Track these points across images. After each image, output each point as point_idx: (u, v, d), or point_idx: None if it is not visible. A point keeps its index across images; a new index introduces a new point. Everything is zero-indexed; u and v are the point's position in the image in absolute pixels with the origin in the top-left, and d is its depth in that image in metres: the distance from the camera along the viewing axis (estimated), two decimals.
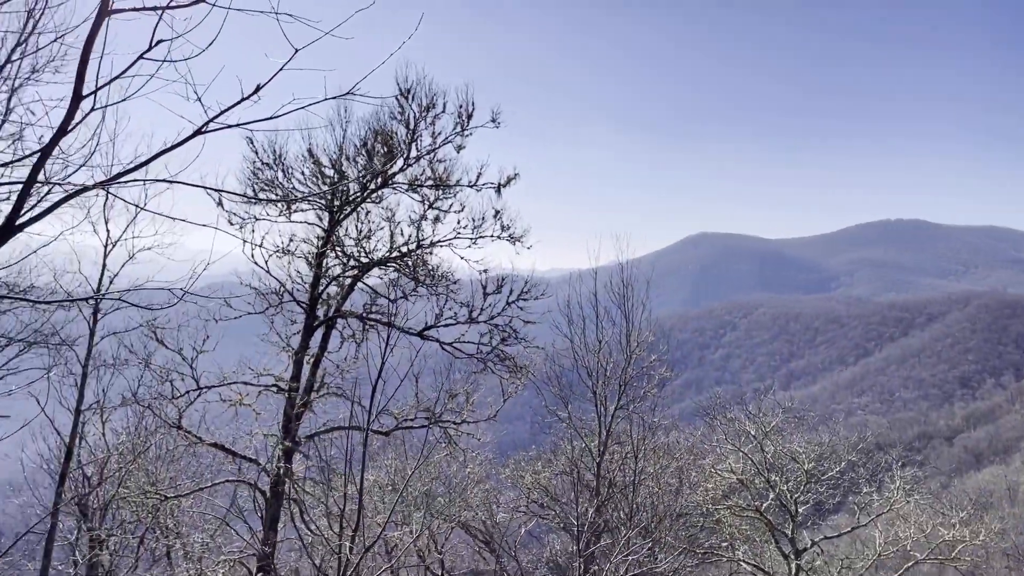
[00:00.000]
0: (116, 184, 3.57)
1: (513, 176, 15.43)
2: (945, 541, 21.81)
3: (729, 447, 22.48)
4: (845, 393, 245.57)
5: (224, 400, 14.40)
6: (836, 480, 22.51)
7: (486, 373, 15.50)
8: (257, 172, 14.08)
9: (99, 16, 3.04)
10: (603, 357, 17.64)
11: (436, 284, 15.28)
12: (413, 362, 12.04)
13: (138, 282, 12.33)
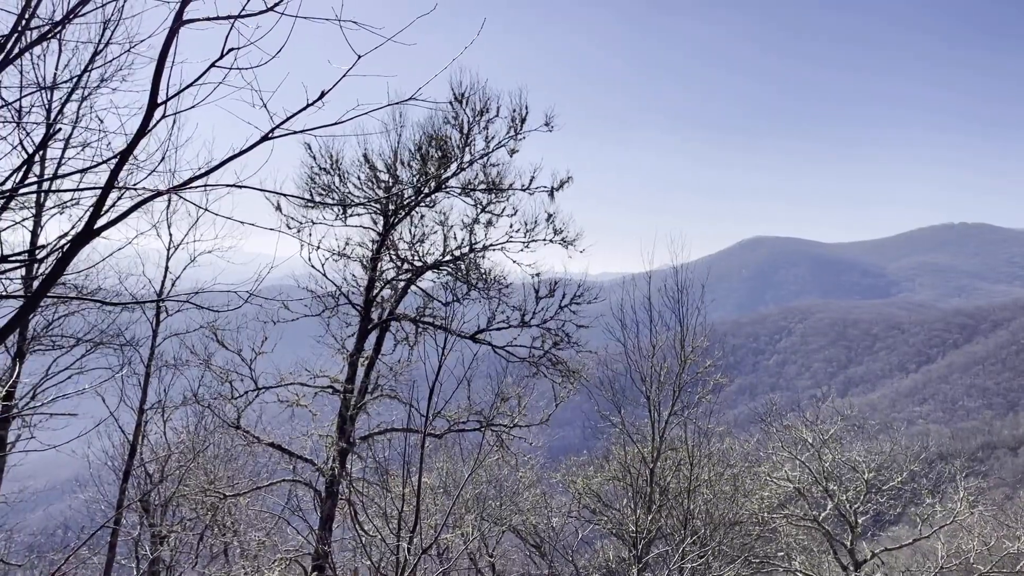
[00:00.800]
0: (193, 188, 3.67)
1: (566, 179, 15.42)
2: (1010, 554, 21.08)
3: (785, 455, 22.07)
4: (906, 401, 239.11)
5: (281, 401, 14.67)
6: (897, 490, 21.91)
7: (538, 377, 15.49)
8: (314, 177, 14.33)
9: (174, 25, 3.14)
10: (656, 362, 17.45)
11: (488, 288, 15.33)
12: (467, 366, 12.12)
13: (199, 285, 12.65)
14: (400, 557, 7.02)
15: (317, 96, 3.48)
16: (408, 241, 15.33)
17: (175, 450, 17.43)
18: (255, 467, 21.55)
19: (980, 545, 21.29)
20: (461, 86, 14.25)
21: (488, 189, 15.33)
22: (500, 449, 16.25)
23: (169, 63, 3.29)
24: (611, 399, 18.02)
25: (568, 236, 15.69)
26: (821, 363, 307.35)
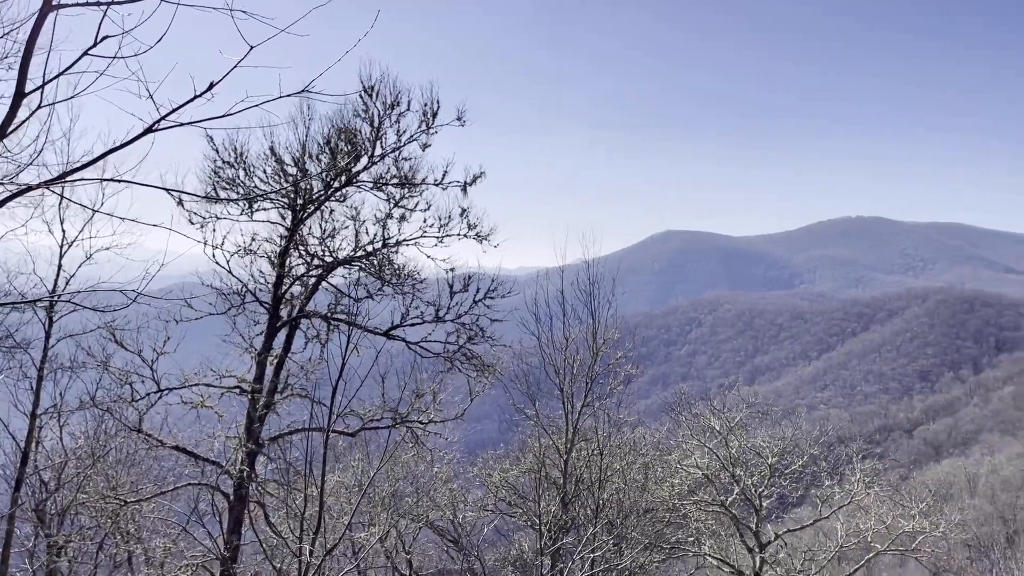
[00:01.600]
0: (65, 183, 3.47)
1: (479, 174, 15.38)
2: (905, 532, 22.19)
3: (695, 443, 22.67)
4: (808, 388, 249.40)
5: (186, 403, 14.16)
6: (799, 474, 22.84)
7: (453, 372, 15.44)
8: (218, 171, 13.86)
9: (43, 10, 2.94)
10: (570, 355, 17.68)
11: (402, 283, 15.18)
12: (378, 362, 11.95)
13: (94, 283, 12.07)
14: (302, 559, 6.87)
15: (206, 87, 3.34)
16: (318, 236, 15.02)
17: (72, 456, 16.64)
18: (160, 471, 20.80)
19: (878, 524, 22.36)
20: (371, 78, 14.04)
21: (401, 184, 15.16)
22: (415, 445, 16.13)
23: (45, 51, 3.10)
24: (526, 392, 18.16)
25: (482, 231, 15.67)
26: (730, 353, 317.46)
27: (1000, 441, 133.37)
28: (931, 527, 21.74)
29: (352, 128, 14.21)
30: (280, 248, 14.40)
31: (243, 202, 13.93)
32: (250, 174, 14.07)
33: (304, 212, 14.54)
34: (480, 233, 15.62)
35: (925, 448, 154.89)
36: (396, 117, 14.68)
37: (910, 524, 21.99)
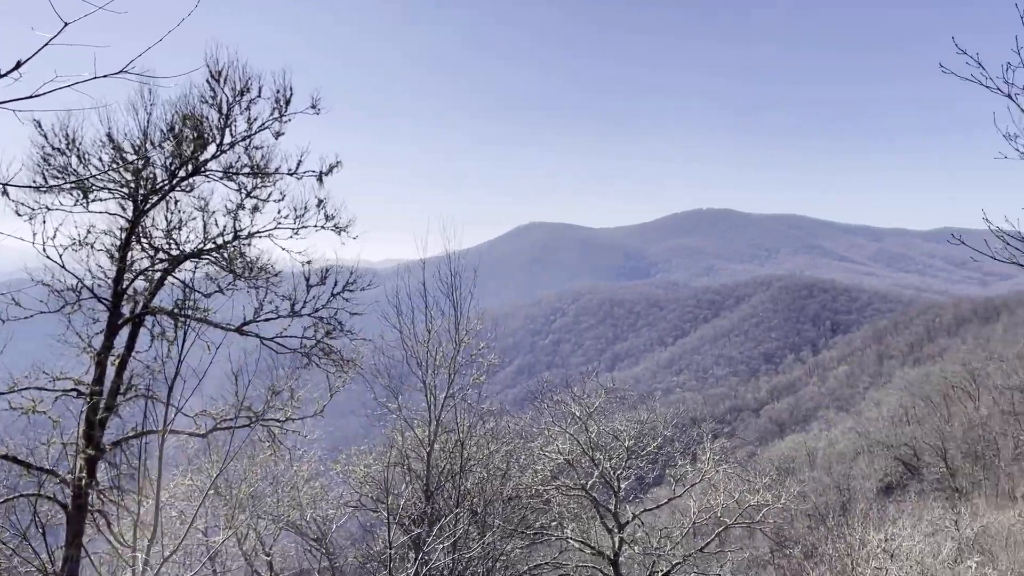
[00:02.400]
0: None
1: (336, 164, 15.01)
2: (752, 506, 23.66)
3: (557, 429, 23.22)
4: (665, 372, 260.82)
5: (15, 408, 13.07)
6: (654, 455, 23.88)
7: (311, 368, 15.05)
8: (47, 158, 12.82)
9: None
10: (432, 347, 17.64)
11: (255, 277, 14.61)
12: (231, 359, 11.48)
13: None
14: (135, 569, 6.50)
15: (12, 66, 3.07)
16: (163, 228, 14.20)
17: None
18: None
19: (727, 499, 23.73)
20: (218, 63, 13.39)
21: (253, 173, 14.58)
22: (273, 445, 15.62)
23: None
24: (388, 386, 17.98)
25: (341, 222, 15.31)
26: (592, 341, 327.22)
27: (836, 416, 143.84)
28: (773, 500, 23.28)
29: (198, 114, 13.52)
30: (120, 241, 13.51)
31: (77, 192, 12.96)
32: (85, 162, 13.11)
33: (147, 203, 13.70)
34: (339, 224, 15.26)
35: (770, 426, 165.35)
36: (246, 104, 14.07)
37: (755, 498, 23.47)
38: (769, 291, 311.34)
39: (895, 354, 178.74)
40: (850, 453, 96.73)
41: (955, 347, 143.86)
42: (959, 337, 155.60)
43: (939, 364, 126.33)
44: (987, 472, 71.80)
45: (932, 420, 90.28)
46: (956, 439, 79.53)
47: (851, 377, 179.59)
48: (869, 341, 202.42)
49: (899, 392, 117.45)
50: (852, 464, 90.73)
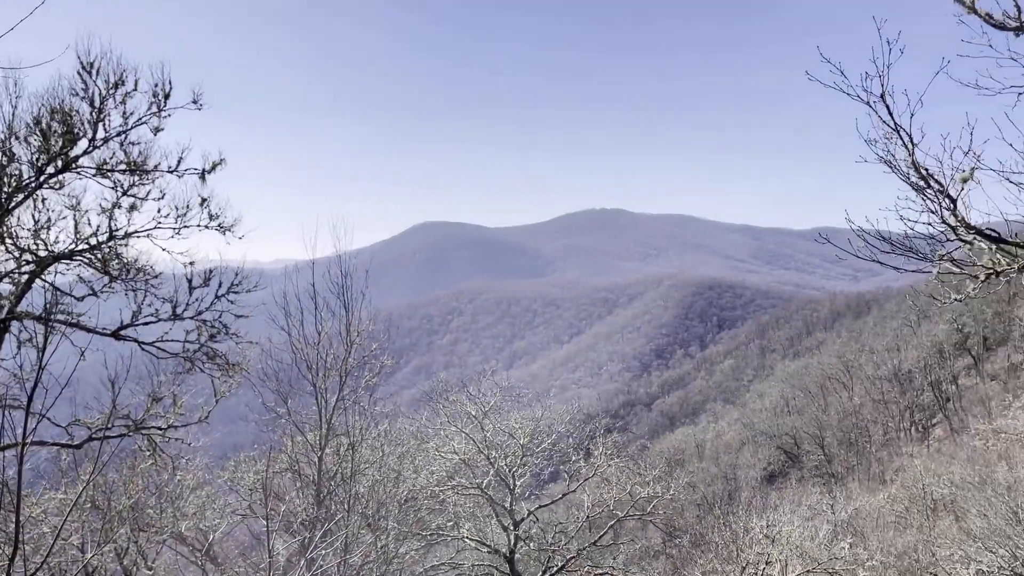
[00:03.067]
0: None
1: (219, 161, 14.49)
2: (643, 498, 24.35)
3: (453, 429, 23.21)
4: (561, 370, 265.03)
5: None
6: (549, 451, 24.21)
7: (195, 373, 14.49)
8: None
9: None
10: (323, 349, 17.31)
11: (133, 279, 13.95)
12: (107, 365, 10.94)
13: None
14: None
15: None
16: (30, 228, 13.37)
17: None
18: None
19: (619, 493, 24.33)
20: (90, 55, 12.70)
21: (130, 170, 13.89)
22: (154, 454, 14.95)
23: None
24: (277, 390, 17.54)
25: (225, 221, 14.78)
26: (489, 339, 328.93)
27: (723, 409, 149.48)
28: (663, 491, 24.04)
29: (68, 108, 12.80)
30: None
31: None
32: None
33: (11, 201, 12.87)
34: (223, 224, 14.73)
35: (662, 419, 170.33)
36: (122, 97, 13.41)
37: (646, 490, 24.17)
38: (660, 289, 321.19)
39: (776, 348, 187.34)
40: (736, 444, 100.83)
41: (831, 340, 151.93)
42: (834, 331, 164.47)
43: (817, 356, 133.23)
44: (860, 457, 76.32)
45: (811, 410, 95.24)
46: (832, 427, 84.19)
47: (736, 370, 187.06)
48: (753, 336, 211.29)
49: (780, 384, 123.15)
50: (738, 454, 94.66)
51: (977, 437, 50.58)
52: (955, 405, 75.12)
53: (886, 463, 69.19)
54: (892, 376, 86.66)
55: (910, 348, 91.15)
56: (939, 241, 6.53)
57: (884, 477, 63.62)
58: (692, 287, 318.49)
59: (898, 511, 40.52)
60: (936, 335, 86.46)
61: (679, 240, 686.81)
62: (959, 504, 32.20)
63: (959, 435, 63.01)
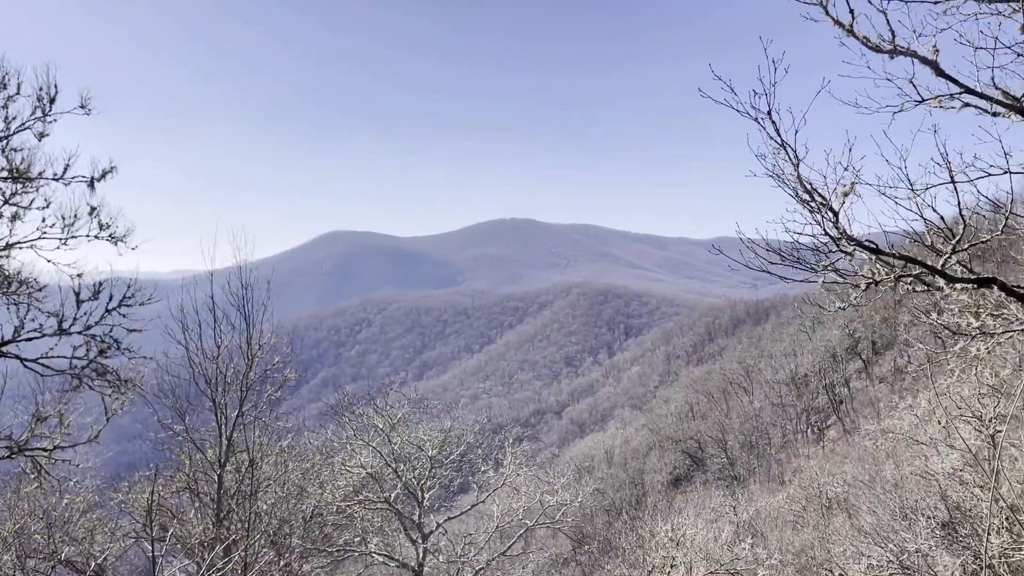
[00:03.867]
0: None
1: (109, 169, 13.91)
2: (552, 506, 24.56)
3: (359, 443, 22.86)
4: (472, 379, 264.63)
5: None
6: (458, 462, 24.14)
7: (83, 390, 13.81)
8: None
9: None
10: (223, 363, 16.74)
11: (15, 292, 13.21)
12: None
13: None
14: None
15: None
16: None
17: None
18: None
19: (529, 501, 24.47)
20: None
21: (12, 178, 13.20)
22: (39, 476, 14.16)
23: None
24: (174, 406, 16.86)
25: (117, 231, 14.19)
26: (399, 350, 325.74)
27: (630, 415, 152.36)
28: (572, 499, 24.31)
29: None
30: None
31: None
32: None
33: None
34: (115, 234, 14.13)
35: (572, 427, 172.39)
36: (3, 102, 12.75)
37: (555, 498, 24.40)
38: (569, 297, 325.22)
39: (681, 354, 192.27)
40: (643, 449, 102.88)
41: (732, 346, 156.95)
42: (735, 337, 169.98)
43: (719, 362, 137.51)
44: (761, 460, 79.12)
45: (714, 414, 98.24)
46: (735, 431, 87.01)
47: (643, 377, 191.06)
48: (658, 343, 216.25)
49: (685, 389, 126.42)
50: (645, 459, 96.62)
51: (867, 437, 53.13)
52: (847, 407, 78.84)
53: (785, 464, 71.90)
54: (790, 380, 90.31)
55: (806, 353, 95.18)
56: (823, 252, 6.86)
57: (783, 478, 66.09)
58: (600, 295, 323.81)
59: (796, 510, 42.16)
60: (829, 340, 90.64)
61: (587, 249, 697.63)
62: (851, 502, 33.74)
63: (851, 436, 66.15)
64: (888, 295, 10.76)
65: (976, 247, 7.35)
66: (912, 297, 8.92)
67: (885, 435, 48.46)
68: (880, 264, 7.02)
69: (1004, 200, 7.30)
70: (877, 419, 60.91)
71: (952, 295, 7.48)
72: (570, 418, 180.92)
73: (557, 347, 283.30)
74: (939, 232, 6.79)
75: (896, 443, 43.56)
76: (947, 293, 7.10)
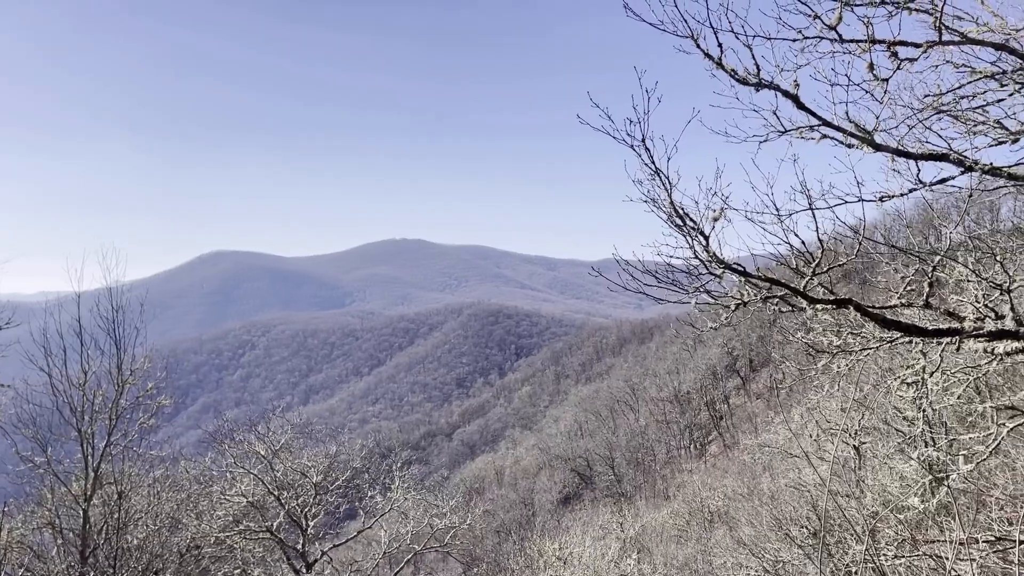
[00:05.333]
0: None
1: None
2: (441, 530, 24.35)
3: (240, 471, 22.02)
4: (361, 403, 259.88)
5: None
6: (344, 488, 23.61)
7: None
8: None
9: None
10: (90, 391, 15.78)
11: None
12: None
13: None
14: None
15: None
16: None
17: None
18: None
19: (417, 525, 24.16)
20: None
21: None
22: None
23: None
24: (35, 437, 15.73)
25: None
26: (284, 374, 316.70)
27: (521, 435, 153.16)
28: (460, 521, 24.17)
29: None
30: None
31: None
32: None
33: None
34: None
35: (463, 448, 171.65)
36: None
37: (443, 521, 24.20)
38: (460, 318, 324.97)
39: (570, 373, 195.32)
40: (533, 469, 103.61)
41: (619, 365, 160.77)
42: (622, 356, 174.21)
43: (607, 381, 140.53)
44: (647, 476, 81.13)
45: (602, 432, 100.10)
46: (622, 448, 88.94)
47: (534, 397, 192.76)
48: (548, 363, 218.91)
49: (574, 408, 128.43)
50: (535, 479, 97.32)
51: (746, 452, 55.42)
52: (727, 422, 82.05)
53: (669, 480, 73.98)
54: (673, 397, 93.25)
55: (688, 371, 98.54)
56: (695, 275, 7.15)
57: (668, 493, 67.92)
58: (491, 316, 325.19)
59: (680, 525, 43.36)
60: (710, 358, 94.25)
61: (479, 270, 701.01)
62: (731, 515, 35.02)
63: (731, 450, 68.87)
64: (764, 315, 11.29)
65: (835, 270, 7.83)
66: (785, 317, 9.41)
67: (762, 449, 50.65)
68: (749, 286, 7.38)
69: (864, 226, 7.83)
70: (755, 434, 63.71)
71: (816, 315, 7.92)
72: (461, 440, 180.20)
73: (448, 368, 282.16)
74: (801, 256, 7.20)
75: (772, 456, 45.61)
76: (811, 314, 7.53)
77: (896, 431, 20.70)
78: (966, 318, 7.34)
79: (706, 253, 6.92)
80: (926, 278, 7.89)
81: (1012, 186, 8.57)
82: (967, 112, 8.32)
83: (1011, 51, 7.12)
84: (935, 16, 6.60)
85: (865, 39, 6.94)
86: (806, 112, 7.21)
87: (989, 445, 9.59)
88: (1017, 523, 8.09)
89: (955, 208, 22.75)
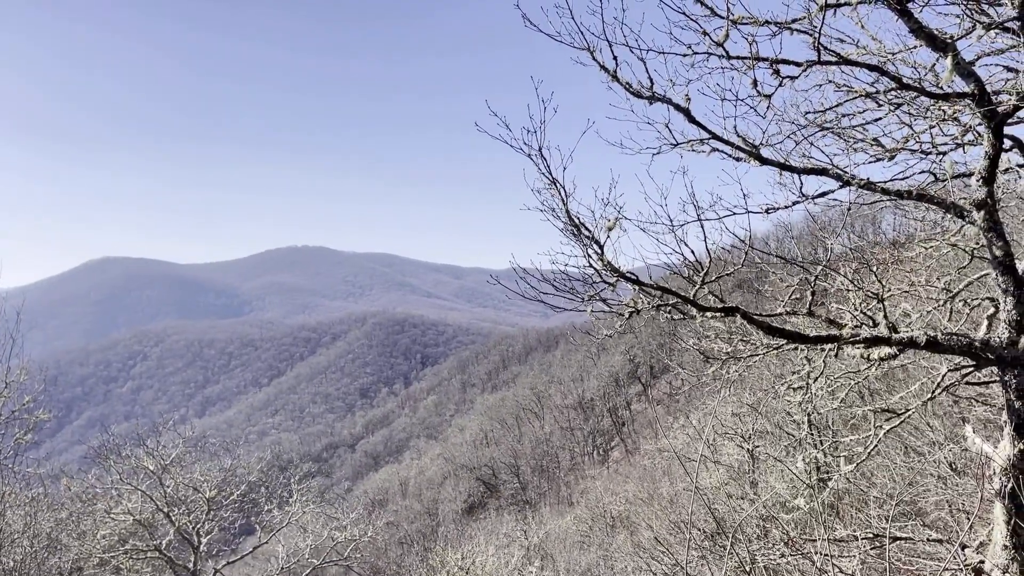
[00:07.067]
0: None
1: None
2: (342, 543, 23.87)
3: (127, 487, 21.01)
4: (260, 414, 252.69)
5: None
6: (239, 503, 22.85)
7: None
8: None
9: None
10: None
11: None
12: None
13: None
14: None
15: None
16: None
17: None
18: None
19: (317, 539, 23.60)
20: None
21: None
22: None
23: None
24: None
25: None
26: (179, 385, 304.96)
27: (426, 445, 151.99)
28: (361, 534, 23.76)
29: None
30: None
31: None
32: None
33: None
34: None
35: (366, 459, 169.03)
36: None
37: (344, 534, 23.74)
38: (364, 327, 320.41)
39: (476, 382, 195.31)
40: (438, 478, 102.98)
41: (525, 373, 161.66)
42: (528, 364, 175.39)
43: (513, 389, 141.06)
44: (551, 483, 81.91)
45: (507, 440, 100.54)
46: (527, 455, 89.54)
47: (439, 406, 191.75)
48: (454, 371, 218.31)
49: (480, 417, 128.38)
50: (440, 489, 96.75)
51: (646, 457, 56.63)
52: (629, 428, 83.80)
53: (573, 486, 74.91)
54: (577, 405, 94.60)
55: (592, 378, 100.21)
56: (591, 283, 7.27)
57: (571, 499, 68.73)
58: (396, 325, 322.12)
59: (583, 531, 43.91)
60: (612, 365, 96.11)
61: (385, 279, 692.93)
62: (632, 519, 35.70)
63: (633, 456, 70.28)
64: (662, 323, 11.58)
65: (727, 279, 8.10)
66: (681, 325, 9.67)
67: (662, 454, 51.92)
68: (642, 294, 7.54)
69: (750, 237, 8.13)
70: (655, 439, 65.20)
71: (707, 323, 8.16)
72: (364, 451, 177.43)
73: (352, 378, 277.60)
74: (692, 265, 7.42)
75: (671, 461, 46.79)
76: (701, 321, 7.75)
77: (787, 434, 21.57)
78: (845, 325, 7.71)
79: (601, 262, 7.04)
80: (810, 287, 8.25)
81: (888, 200, 9.11)
82: (848, 130, 8.80)
83: (885, 73, 7.53)
84: (814, 37, 6.93)
85: (750, 56, 7.22)
86: (697, 126, 7.43)
87: (868, 446, 10.12)
88: (889, 521, 8.56)
89: (840, 221, 24.02)
